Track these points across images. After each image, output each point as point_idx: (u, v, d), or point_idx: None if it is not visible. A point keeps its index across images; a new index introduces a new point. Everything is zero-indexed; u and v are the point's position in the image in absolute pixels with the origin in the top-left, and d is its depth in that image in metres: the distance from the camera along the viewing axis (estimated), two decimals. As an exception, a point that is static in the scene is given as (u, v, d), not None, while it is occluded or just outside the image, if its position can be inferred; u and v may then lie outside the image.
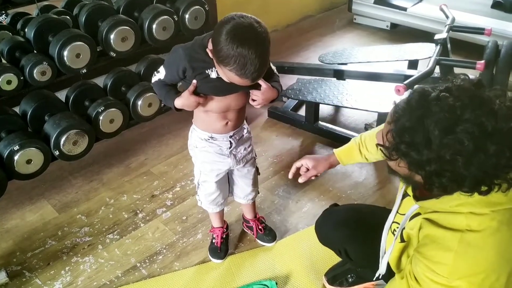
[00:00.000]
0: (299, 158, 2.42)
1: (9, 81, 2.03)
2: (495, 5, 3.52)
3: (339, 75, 2.87)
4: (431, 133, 0.91)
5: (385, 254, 1.29)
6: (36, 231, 2.09)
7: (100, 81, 2.48)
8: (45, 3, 2.70)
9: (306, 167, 1.57)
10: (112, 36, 2.20)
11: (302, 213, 2.13)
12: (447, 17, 2.56)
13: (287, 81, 2.99)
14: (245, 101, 1.54)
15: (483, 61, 2.10)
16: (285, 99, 2.94)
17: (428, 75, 2.07)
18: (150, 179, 2.38)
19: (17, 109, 2.28)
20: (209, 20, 2.56)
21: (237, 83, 1.31)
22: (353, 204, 2.05)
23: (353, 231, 1.51)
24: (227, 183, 1.80)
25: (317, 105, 2.62)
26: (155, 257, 1.94)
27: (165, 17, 2.33)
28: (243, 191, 1.82)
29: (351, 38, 3.96)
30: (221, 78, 1.37)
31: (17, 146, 1.99)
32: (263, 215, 2.07)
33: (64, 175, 2.41)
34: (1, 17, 2.87)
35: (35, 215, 2.18)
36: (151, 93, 2.35)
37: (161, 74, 1.48)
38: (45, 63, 2.07)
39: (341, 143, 2.54)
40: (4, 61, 2.20)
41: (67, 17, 2.65)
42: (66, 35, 2.09)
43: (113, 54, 2.25)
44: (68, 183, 2.37)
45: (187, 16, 2.46)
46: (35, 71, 2.05)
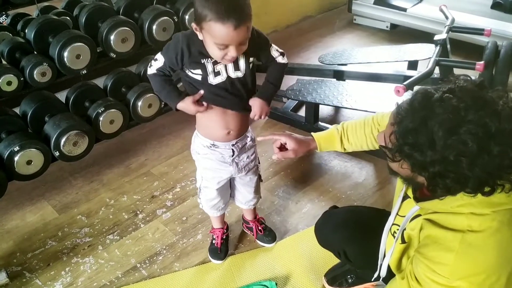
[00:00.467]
0: (299, 159, 2.48)
1: (10, 82, 2.03)
2: (495, 6, 3.52)
3: (339, 75, 2.88)
4: (435, 134, 0.91)
5: (385, 256, 1.29)
6: (36, 232, 2.09)
7: (100, 82, 2.48)
8: (45, 4, 2.71)
9: (284, 146, 1.53)
10: (112, 37, 2.20)
11: (302, 213, 2.13)
12: (446, 17, 2.57)
13: (287, 82, 2.98)
14: (247, 114, 1.54)
15: (482, 62, 2.10)
16: (285, 99, 2.95)
17: (427, 75, 2.08)
18: (150, 179, 2.38)
19: (17, 110, 2.29)
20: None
21: (226, 42, 1.25)
22: (352, 206, 2.06)
23: (352, 233, 1.51)
24: (228, 189, 1.80)
25: (317, 105, 2.62)
26: (155, 258, 1.94)
27: (165, 18, 2.33)
28: (244, 197, 1.83)
29: (351, 38, 3.96)
30: (219, 75, 1.39)
31: (18, 147, 1.99)
32: (263, 215, 2.07)
33: (64, 175, 2.41)
34: (1, 18, 2.88)
35: (35, 215, 2.18)
36: (151, 94, 2.36)
37: (158, 62, 1.43)
38: (45, 64, 2.07)
39: (341, 144, 2.57)
40: (4, 62, 2.21)
41: (67, 18, 2.66)
42: (66, 36, 2.09)
43: (113, 55, 2.26)
44: (68, 183, 2.37)
45: (187, 17, 2.47)
46: (35, 72, 2.05)
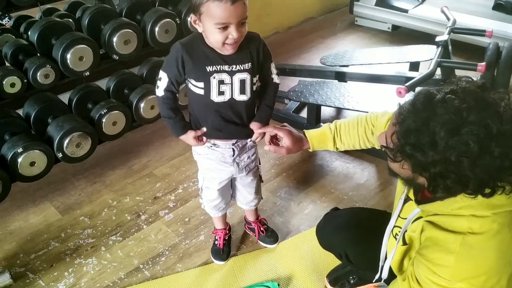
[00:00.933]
0: (301, 160, 2.48)
1: (13, 83, 2.04)
2: (496, 7, 3.52)
3: (341, 77, 2.88)
4: (437, 135, 0.92)
5: (386, 259, 1.30)
6: (39, 233, 2.10)
7: (103, 83, 2.49)
8: (48, 6, 2.72)
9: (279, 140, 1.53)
10: (114, 39, 2.21)
11: (304, 214, 2.14)
12: (448, 19, 2.58)
13: (289, 83, 2.99)
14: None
15: (484, 63, 2.10)
16: (286, 101, 2.95)
17: (429, 77, 2.08)
18: (152, 181, 2.39)
19: (20, 112, 2.30)
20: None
21: (225, 19, 1.26)
22: (354, 208, 2.06)
23: (353, 234, 1.51)
24: (229, 189, 1.80)
25: (318, 107, 2.63)
26: (157, 259, 1.95)
27: (168, 20, 2.34)
28: (245, 198, 1.83)
29: (352, 40, 3.97)
30: (222, 95, 1.42)
31: (21, 148, 2.00)
32: (265, 217, 2.08)
33: (67, 177, 2.42)
34: (4, 20, 2.89)
35: (38, 217, 2.19)
36: (153, 96, 2.36)
37: (163, 80, 1.44)
38: (48, 66, 2.08)
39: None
40: (7, 64, 2.22)
41: (70, 20, 2.67)
42: (69, 38, 2.10)
43: (115, 56, 2.26)
44: (71, 185, 2.38)
45: (189, 19, 2.47)
46: (38, 74, 2.06)
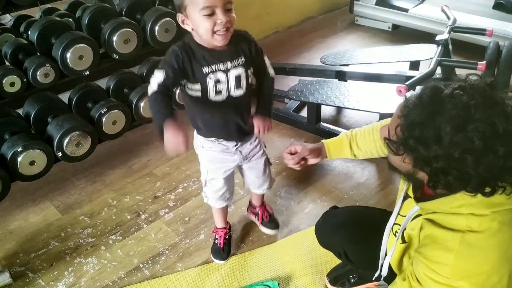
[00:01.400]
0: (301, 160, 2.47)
1: (13, 83, 2.04)
2: (497, 6, 3.52)
3: (341, 76, 2.88)
4: (442, 130, 0.91)
5: (386, 256, 1.29)
6: (39, 232, 2.10)
7: (102, 83, 2.49)
8: (48, 5, 2.72)
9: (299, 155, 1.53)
10: (114, 38, 2.21)
11: (304, 214, 2.14)
12: (448, 18, 2.57)
13: (289, 82, 2.99)
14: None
15: (484, 62, 2.10)
16: (287, 100, 2.95)
17: (429, 75, 2.08)
18: (152, 180, 2.39)
19: (20, 111, 2.30)
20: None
21: (211, 3, 1.27)
22: (353, 206, 2.06)
23: (352, 233, 1.51)
24: (233, 178, 1.80)
25: (319, 106, 2.63)
26: (157, 258, 1.95)
27: (168, 19, 2.34)
28: (254, 182, 1.83)
29: (352, 39, 3.97)
30: (220, 94, 1.43)
31: (21, 147, 2.00)
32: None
33: (67, 176, 2.42)
34: (5, 21, 2.89)
35: (38, 216, 2.19)
36: (153, 95, 2.36)
37: (157, 77, 1.39)
38: (48, 65, 2.08)
39: (343, 144, 2.56)
40: (7, 63, 2.22)
41: (70, 19, 2.67)
42: (69, 37, 2.10)
43: (115, 56, 2.26)
44: (71, 184, 2.38)
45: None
46: (38, 73, 2.06)
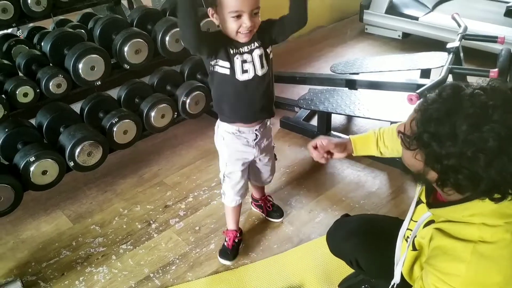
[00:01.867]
0: (311, 168, 2.47)
1: (26, 93, 2.07)
2: (508, 13, 3.49)
3: (351, 84, 2.87)
4: (457, 128, 0.90)
5: (399, 261, 1.28)
6: (51, 242, 2.11)
7: (114, 92, 2.52)
8: (60, 17, 2.77)
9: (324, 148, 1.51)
10: (126, 48, 2.23)
11: (315, 223, 2.12)
12: (459, 25, 2.56)
13: (299, 91, 3.00)
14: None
15: (496, 70, 2.08)
16: (297, 109, 2.95)
17: (441, 83, 2.06)
18: (163, 189, 2.40)
19: (33, 121, 2.32)
20: (221, 32, 2.59)
21: (238, 7, 1.38)
22: (365, 214, 2.04)
23: (364, 241, 1.49)
24: (247, 173, 1.88)
25: (329, 115, 2.62)
26: (168, 268, 1.94)
27: (178, 29, 2.35)
28: (263, 177, 1.96)
29: (362, 48, 3.96)
30: (246, 73, 1.54)
31: (33, 157, 2.02)
32: (276, 225, 2.09)
33: (78, 185, 2.44)
34: (17, 32, 2.94)
35: (50, 225, 2.21)
36: (164, 104, 2.38)
37: None
38: (60, 75, 2.11)
39: (354, 153, 2.55)
40: (21, 74, 2.25)
41: (82, 30, 2.71)
42: (81, 48, 2.13)
43: (126, 66, 2.28)
44: (82, 193, 2.39)
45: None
46: (51, 84, 2.09)
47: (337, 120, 2.85)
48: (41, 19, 2.28)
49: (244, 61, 1.53)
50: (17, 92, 2.05)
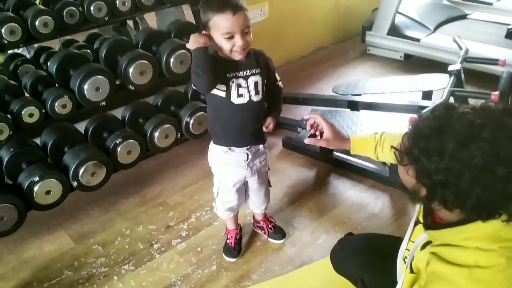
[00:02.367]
0: (313, 188, 2.48)
1: (31, 114, 2.09)
2: (509, 35, 3.53)
3: (353, 106, 2.89)
4: (446, 144, 0.93)
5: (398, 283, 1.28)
6: (53, 262, 2.11)
7: (118, 112, 2.54)
8: (67, 37, 2.81)
9: (320, 133, 1.58)
10: (131, 70, 2.26)
11: (317, 245, 2.12)
12: (460, 48, 2.59)
13: (301, 112, 3.03)
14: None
15: (497, 92, 2.10)
16: (299, 129, 2.96)
17: (442, 106, 2.08)
18: (165, 209, 2.40)
19: (38, 140, 2.34)
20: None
21: (230, 29, 1.47)
22: (369, 233, 2.03)
23: (370, 259, 1.50)
24: (243, 192, 1.94)
25: (331, 135, 2.63)
26: (169, 289, 1.94)
27: (182, 51, 2.39)
28: (256, 202, 2.01)
29: (364, 69, 4.00)
30: (241, 97, 1.59)
31: (37, 177, 2.03)
32: (278, 246, 2.09)
33: (81, 205, 2.44)
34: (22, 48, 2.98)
35: (52, 245, 2.21)
36: (168, 125, 2.39)
37: None
38: (66, 96, 2.13)
39: (356, 174, 2.56)
40: (27, 94, 2.28)
41: (88, 51, 2.76)
42: (86, 69, 2.16)
43: (131, 87, 2.31)
44: (85, 213, 2.40)
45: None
46: (56, 104, 2.11)
47: (339, 140, 2.85)
48: (48, 39, 2.32)
49: (239, 85, 1.59)
50: (22, 112, 2.07)
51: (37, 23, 2.17)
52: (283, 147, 2.87)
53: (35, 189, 2.04)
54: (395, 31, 3.89)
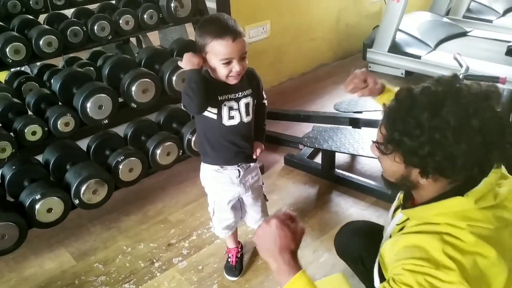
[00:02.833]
0: (315, 206, 2.47)
1: (34, 132, 2.10)
2: (509, 53, 3.55)
3: (355, 123, 2.90)
4: (420, 118, 0.99)
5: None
6: (53, 280, 2.10)
7: (121, 129, 2.55)
8: (70, 55, 2.84)
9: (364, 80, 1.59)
10: (133, 88, 2.27)
11: (319, 263, 2.10)
12: (461, 66, 2.60)
13: (303, 129, 3.04)
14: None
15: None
16: (301, 146, 2.97)
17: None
18: (167, 227, 2.39)
19: (40, 157, 2.35)
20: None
21: (228, 55, 1.47)
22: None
23: (370, 240, 1.51)
24: (239, 209, 1.93)
25: (333, 153, 2.64)
26: (170, 308, 1.92)
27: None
28: (253, 218, 1.97)
29: (366, 85, 4.00)
30: (232, 119, 1.60)
31: (39, 195, 2.03)
32: (280, 265, 2.06)
33: (83, 222, 2.44)
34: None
35: (53, 263, 2.20)
36: (170, 142, 2.40)
37: None
38: (68, 114, 2.14)
39: (358, 191, 2.56)
40: (30, 112, 2.29)
41: (91, 68, 2.78)
42: (89, 87, 2.17)
43: (134, 105, 2.32)
44: (86, 230, 2.39)
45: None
46: (59, 123, 2.12)
47: (341, 158, 2.86)
48: (52, 57, 2.35)
49: (231, 108, 1.60)
50: (25, 130, 2.08)
51: (41, 43, 2.20)
52: (284, 164, 2.88)
53: (37, 207, 2.03)
54: (396, 48, 3.92)
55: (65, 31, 2.34)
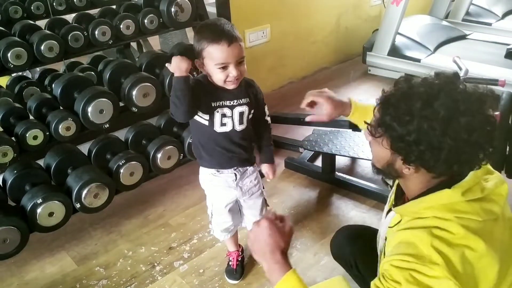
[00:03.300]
0: (316, 209, 2.47)
1: (35, 136, 2.12)
2: (508, 55, 3.56)
3: (355, 126, 2.89)
4: (413, 106, 1.02)
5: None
6: (55, 284, 2.11)
7: (122, 133, 2.56)
8: (71, 60, 2.86)
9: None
10: (134, 92, 2.28)
11: (320, 266, 2.11)
12: (460, 69, 2.60)
13: (303, 132, 3.04)
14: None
15: (498, 113, 2.11)
16: (301, 149, 2.98)
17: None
18: (168, 230, 2.40)
19: (41, 162, 2.36)
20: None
21: (225, 60, 1.47)
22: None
23: (365, 244, 1.52)
24: (238, 212, 1.93)
25: (333, 156, 2.64)
26: (171, 312, 1.93)
27: (185, 73, 2.42)
28: (251, 221, 1.87)
29: (366, 89, 4.03)
30: (224, 126, 1.60)
31: (40, 199, 2.04)
32: (281, 268, 2.06)
33: (84, 226, 2.44)
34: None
35: (54, 267, 2.20)
36: (170, 146, 2.41)
37: None
38: (70, 119, 2.16)
39: (359, 194, 2.56)
40: (31, 117, 2.31)
41: (92, 73, 2.79)
42: (90, 92, 2.19)
43: (134, 109, 2.33)
44: (87, 234, 2.40)
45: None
46: (60, 127, 2.13)
47: (341, 161, 2.86)
48: (53, 62, 2.36)
49: (223, 115, 1.60)
50: (27, 135, 2.09)
51: (42, 48, 2.21)
52: (285, 168, 2.88)
53: (38, 211, 2.04)
54: (395, 52, 3.93)
55: (66, 36, 2.35)
